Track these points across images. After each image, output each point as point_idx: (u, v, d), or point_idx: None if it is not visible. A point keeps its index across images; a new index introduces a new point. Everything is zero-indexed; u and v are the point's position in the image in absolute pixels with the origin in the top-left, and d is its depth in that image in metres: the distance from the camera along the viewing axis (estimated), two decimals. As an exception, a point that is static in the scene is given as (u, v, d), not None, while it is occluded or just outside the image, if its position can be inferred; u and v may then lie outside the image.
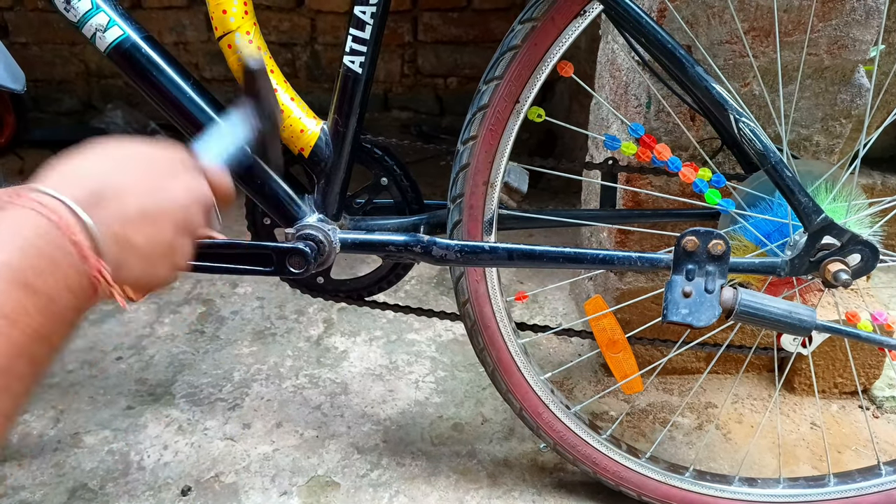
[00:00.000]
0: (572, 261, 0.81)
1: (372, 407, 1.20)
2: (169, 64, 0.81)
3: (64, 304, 0.40)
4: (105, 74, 2.54)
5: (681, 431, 1.16)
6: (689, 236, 0.73)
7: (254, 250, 0.82)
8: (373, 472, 1.07)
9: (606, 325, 0.92)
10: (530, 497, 1.03)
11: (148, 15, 2.40)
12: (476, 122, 0.81)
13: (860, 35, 0.94)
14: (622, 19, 0.74)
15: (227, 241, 0.80)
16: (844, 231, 0.76)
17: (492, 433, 1.15)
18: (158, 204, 0.46)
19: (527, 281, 1.57)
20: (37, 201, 0.40)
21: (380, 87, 2.53)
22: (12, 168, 2.13)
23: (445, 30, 2.44)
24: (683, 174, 0.80)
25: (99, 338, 1.36)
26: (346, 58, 0.81)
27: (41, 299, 0.38)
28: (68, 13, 0.77)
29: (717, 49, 0.95)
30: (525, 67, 0.77)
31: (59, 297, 0.39)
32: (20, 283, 0.37)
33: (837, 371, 1.21)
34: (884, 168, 1.34)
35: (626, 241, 1.16)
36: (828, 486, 0.93)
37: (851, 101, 1.01)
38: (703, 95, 0.75)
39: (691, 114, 1.01)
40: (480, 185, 0.83)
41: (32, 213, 0.40)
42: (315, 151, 0.85)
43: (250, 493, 1.03)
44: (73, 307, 0.41)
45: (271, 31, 2.42)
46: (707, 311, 0.73)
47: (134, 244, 0.45)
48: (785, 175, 0.75)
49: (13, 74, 0.89)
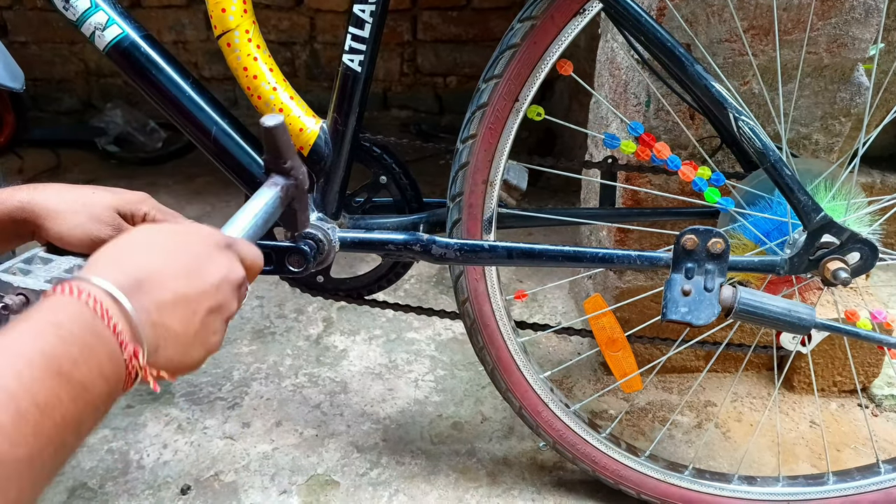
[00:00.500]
0: (572, 259, 0.81)
1: (371, 406, 1.20)
2: (168, 62, 0.81)
3: (97, 391, 0.40)
4: (104, 73, 2.54)
5: (680, 430, 1.16)
6: (689, 235, 0.73)
7: None
8: (372, 471, 1.07)
9: (606, 324, 0.92)
10: (530, 495, 1.03)
11: (147, 14, 2.40)
12: (475, 120, 0.81)
13: (859, 33, 0.94)
14: (622, 17, 0.74)
15: None
16: (844, 229, 0.76)
17: (491, 432, 1.15)
18: (194, 288, 0.48)
19: (526, 280, 1.57)
20: (80, 289, 0.42)
21: (379, 86, 2.53)
22: (12, 167, 2.13)
23: (445, 28, 2.44)
24: (683, 172, 0.80)
25: (98, 337, 1.36)
26: (346, 56, 0.81)
27: (75, 388, 0.39)
28: (67, 12, 0.77)
29: (717, 47, 0.95)
30: (524, 66, 0.77)
31: (93, 385, 0.40)
32: (55, 372, 0.38)
33: (837, 369, 1.21)
34: (883, 167, 1.34)
35: (625, 240, 1.16)
36: (827, 484, 0.93)
37: (851, 99, 1.01)
38: (702, 94, 0.75)
39: (690, 112, 1.01)
40: (480, 183, 0.83)
41: (73, 300, 0.41)
42: (314, 150, 0.85)
43: (250, 491, 1.03)
44: (106, 394, 0.41)
45: (270, 29, 2.42)
46: (706, 310, 0.73)
47: (170, 328, 0.46)
48: (784, 173, 0.75)
49: (12, 73, 0.89)
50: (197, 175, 2.14)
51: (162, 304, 0.45)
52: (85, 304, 0.41)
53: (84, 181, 2.06)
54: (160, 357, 0.45)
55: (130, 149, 2.29)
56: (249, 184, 0.85)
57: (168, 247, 0.49)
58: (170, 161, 2.26)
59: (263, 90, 0.83)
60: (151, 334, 0.44)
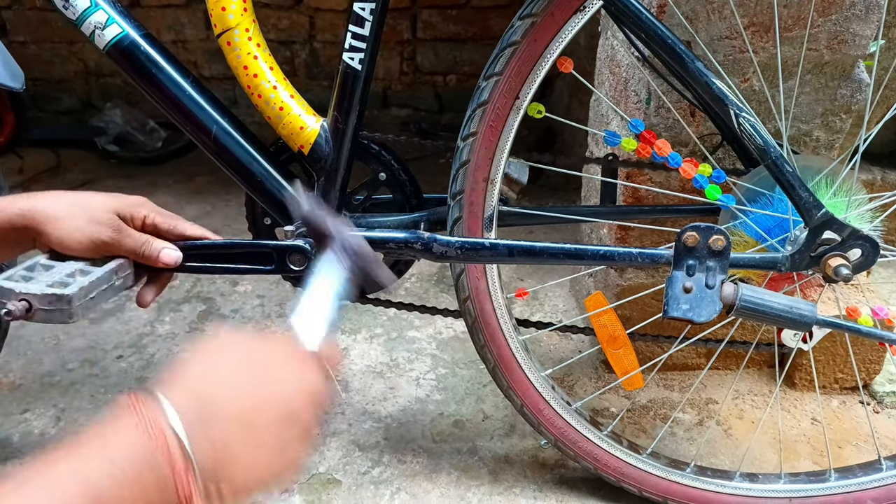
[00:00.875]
0: (573, 257, 0.81)
1: (373, 404, 1.20)
2: (168, 61, 0.81)
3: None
4: (104, 73, 2.54)
5: (682, 427, 1.16)
6: (690, 232, 0.73)
7: (254, 249, 0.82)
8: (374, 470, 1.07)
9: (607, 322, 0.92)
10: (531, 493, 1.03)
11: (146, 13, 2.40)
12: (476, 118, 0.80)
13: (860, 30, 0.94)
14: (622, 15, 0.73)
15: (227, 241, 0.80)
16: (845, 226, 0.76)
17: (493, 430, 1.15)
18: (264, 409, 0.46)
19: (527, 278, 1.57)
20: (147, 417, 0.41)
21: (379, 85, 2.53)
22: (12, 167, 2.12)
23: (444, 27, 2.44)
24: (684, 170, 0.80)
25: (99, 336, 1.36)
26: (346, 55, 0.80)
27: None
28: (67, 11, 0.77)
29: (717, 44, 0.95)
30: (525, 63, 0.77)
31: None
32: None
33: (838, 366, 1.21)
34: (883, 163, 1.34)
35: (626, 238, 1.16)
36: (829, 481, 0.93)
37: (851, 96, 1.01)
38: (703, 91, 0.75)
39: (691, 109, 1.01)
40: (480, 181, 0.83)
41: (138, 432, 0.41)
42: (315, 149, 0.85)
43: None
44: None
45: (270, 28, 2.42)
46: (708, 307, 0.73)
47: (236, 454, 0.44)
48: (785, 170, 0.75)
49: (12, 73, 0.89)
50: (197, 174, 2.14)
51: (228, 431, 0.44)
52: (146, 435, 0.41)
53: (84, 181, 2.07)
54: (225, 480, 0.44)
55: (130, 148, 2.29)
56: (250, 182, 0.85)
57: (238, 367, 0.48)
58: (170, 160, 2.26)
59: (264, 89, 0.82)
60: (212, 463, 0.43)
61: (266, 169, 0.85)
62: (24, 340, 1.35)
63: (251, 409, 0.46)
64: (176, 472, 0.41)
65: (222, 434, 0.44)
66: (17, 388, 1.23)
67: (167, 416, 0.42)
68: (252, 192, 0.87)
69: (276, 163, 0.86)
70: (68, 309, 0.66)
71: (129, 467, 0.40)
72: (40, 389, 1.22)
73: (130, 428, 0.41)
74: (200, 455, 0.42)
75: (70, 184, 2.04)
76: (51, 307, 0.65)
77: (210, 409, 0.44)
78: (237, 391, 0.46)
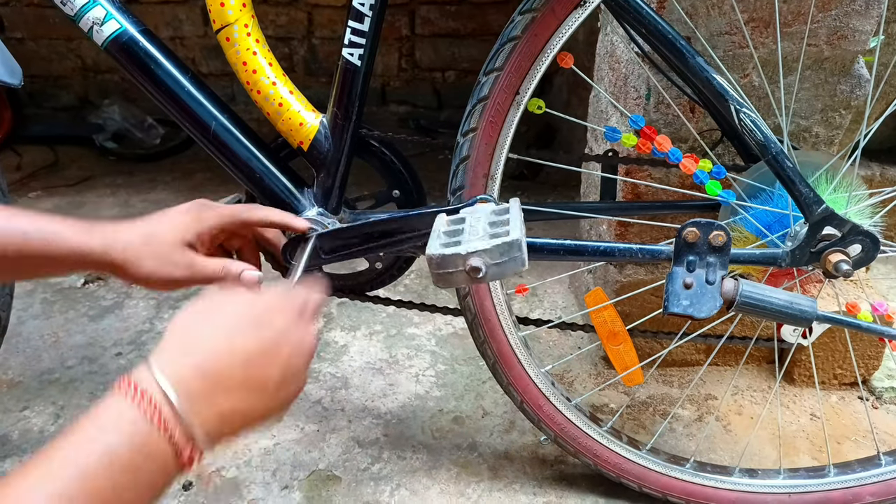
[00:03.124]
0: (573, 253, 0.81)
1: (372, 401, 1.20)
2: (167, 57, 0.81)
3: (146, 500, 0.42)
4: (102, 70, 2.53)
5: (681, 423, 1.16)
6: (690, 227, 0.73)
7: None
8: (374, 466, 1.07)
9: (607, 318, 0.92)
10: (531, 489, 1.03)
11: (144, 10, 2.39)
12: (476, 113, 0.80)
13: (860, 25, 0.94)
14: (622, 10, 0.73)
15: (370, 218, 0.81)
16: (845, 221, 0.76)
17: (492, 426, 1.15)
18: (249, 355, 0.48)
19: (526, 274, 1.56)
20: (138, 392, 0.43)
21: (378, 81, 2.53)
22: (10, 164, 2.12)
23: (443, 23, 2.43)
24: (684, 165, 0.80)
25: (98, 334, 1.36)
26: (345, 50, 0.80)
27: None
28: (65, 7, 0.76)
29: (717, 40, 0.95)
30: (525, 58, 0.76)
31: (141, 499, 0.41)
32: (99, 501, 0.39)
33: (837, 362, 1.21)
34: (882, 159, 1.34)
35: (625, 234, 1.16)
36: (828, 476, 0.93)
37: (851, 91, 1.01)
38: (703, 86, 0.74)
39: (691, 105, 1.01)
40: (480, 177, 0.83)
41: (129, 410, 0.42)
42: (314, 145, 0.85)
43: (252, 487, 1.03)
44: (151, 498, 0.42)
45: (268, 25, 2.41)
46: (708, 303, 0.73)
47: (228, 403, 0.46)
48: (786, 166, 0.74)
49: (10, 69, 0.89)
50: (195, 171, 2.13)
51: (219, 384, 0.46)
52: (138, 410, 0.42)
53: (82, 178, 2.06)
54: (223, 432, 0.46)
55: (128, 145, 2.29)
56: (249, 179, 0.85)
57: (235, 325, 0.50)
58: (168, 157, 2.25)
59: (263, 85, 0.82)
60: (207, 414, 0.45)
61: (265, 165, 0.84)
62: (23, 338, 1.35)
63: (240, 358, 0.48)
64: (172, 437, 0.42)
65: (214, 388, 0.46)
66: (17, 385, 1.23)
67: (158, 384, 0.44)
68: (252, 188, 0.86)
69: (275, 159, 0.86)
70: (520, 255, 0.65)
71: (124, 448, 0.41)
72: (39, 387, 1.22)
73: (121, 408, 0.42)
74: (196, 415, 0.44)
75: (68, 181, 2.04)
76: (504, 257, 0.64)
77: (201, 365, 0.46)
78: (223, 343, 0.48)
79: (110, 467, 0.40)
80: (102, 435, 0.41)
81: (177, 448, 0.42)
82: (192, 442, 0.43)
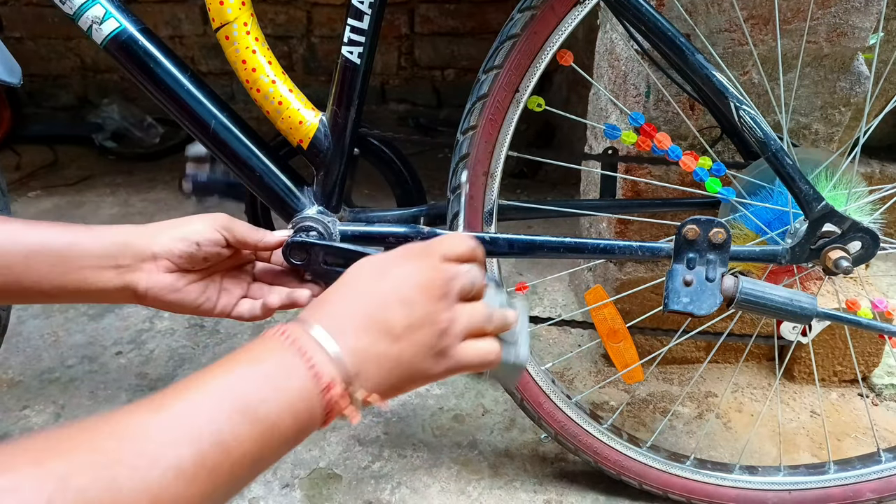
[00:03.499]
0: (573, 251, 0.81)
1: (373, 399, 1.20)
2: (166, 56, 0.80)
3: (284, 428, 0.41)
4: (101, 69, 2.53)
5: (681, 421, 1.16)
6: (690, 225, 0.73)
7: None
8: (374, 464, 1.07)
9: (607, 315, 0.92)
10: (532, 487, 1.03)
11: (143, 9, 2.39)
12: (476, 111, 0.80)
13: (859, 22, 0.94)
14: (622, 7, 0.73)
15: None
16: (845, 218, 0.76)
17: (493, 424, 1.15)
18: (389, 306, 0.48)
19: (526, 272, 1.57)
20: (285, 331, 0.44)
21: (377, 80, 2.53)
22: (9, 164, 2.12)
23: (442, 21, 2.43)
24: (684, 163, 0.80)
25: (98, 333, 1.36)
26: (345, 48, 0.80)
27: (261, 426, 0.40)
28: (64, 5, 0.76)
29: (717, 37, 0.95)
30: (525, 56, 0.76)
31: (281, 423, 0.41)
32: (242, 411, 0.39)
33: (837, 359, 1.22)
34: (882, 156, 1.34)
35: (625, 231, 1.16)
36: (828, 473, 0.93)
37: (851, 88, 1.01)
38: (703, 83, 0.74)
39: (690, 102, 1.01)
40: (480, 175, 0.83)
41: (276, 339, 0.44)
42: (314, 143, 0.84)
43: (252, 485, 1.03)
44: (295, 430, 0.42)
45: (267, 23, 2.41)
46: (708, 300, 0.73)
47: (376, 353, 0.46)
48: (786, 163, 0.75)
49: (9, 68, 0.88)
50: (195, 170, 2.13)
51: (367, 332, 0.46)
52: (286, 341, 0.43)
53: (81, 177, 2.06)
54: (365, 383, 0.45)
55: (127, 144, 2.28)
56: (249, 177, 0.85)
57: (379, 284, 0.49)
58: (167, 156, 2.25)
59: (262, 83, 0.82)
60: (351, 361, 0.44)
61: (265, 164, 0.84)
62: (24, 337, 1.35)
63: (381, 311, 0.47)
64: (316, 372, 0.42)
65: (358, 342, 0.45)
66: (17, 384, 1.23)
67: (312, 335, 0.44)
68: (251, 186, 0.86)
69: (275, 158, 0.86)
70: (517, 374, 0.65)
71: (279, 383, 0.41)
72: (40, 386, 1.22)
73: (272, 341, 0.43)
74: (343, 365, 0.44)
75: (67, 180, 2.04)
76: (506, 373, 0.64)
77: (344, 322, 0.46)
78: (366, 299, 0.48)
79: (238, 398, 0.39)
80: (236, 365, 0.41)
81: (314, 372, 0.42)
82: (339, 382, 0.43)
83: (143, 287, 0.60)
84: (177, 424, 0.37)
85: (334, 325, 0.45)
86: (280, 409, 0.40)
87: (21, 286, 0.57)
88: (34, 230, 0.58)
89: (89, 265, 0.59)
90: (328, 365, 0.43)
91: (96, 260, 0.59)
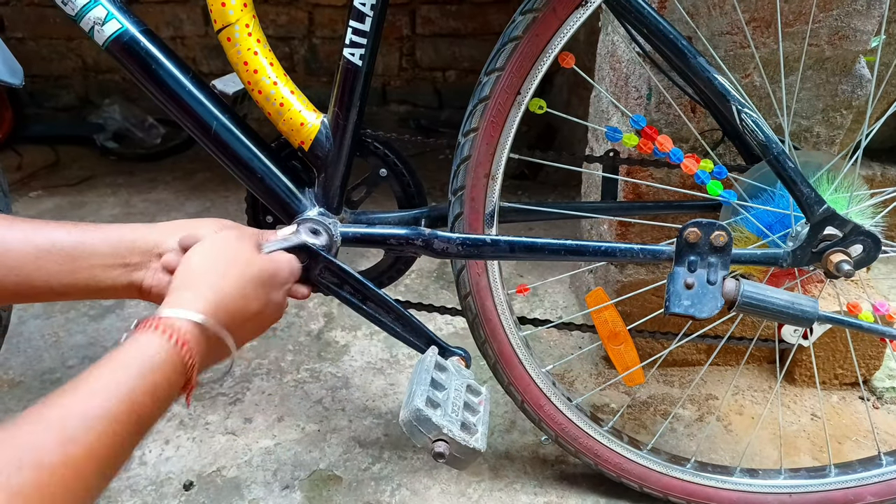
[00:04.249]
0: (575, 253, 0.81)
1: (373, 401, 1.20)
2: (168, 57, 0.81)
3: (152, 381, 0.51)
4: (102, 70, 2.53)
5: (682, 423, 1.16)
6: (692, 228, 0.73)
7: None
8: (374, 466, 1.07)
9: (608, 317, 0.92)
10: (532, 489, 1.03)
11: (145, 9, 2.39)
12: (477, 113, 0.80)
13: (861, 25, 0.94)
14: (623, 10, 0.73)
15: None
16: (847, 222, 0.76)
17: (493, 426, 1.15)
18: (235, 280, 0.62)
19: (527, 274, 1.57)
20: (163, 325, 0.57)
21: (378, 81, 2.53)
22: (10, 164, 2.12)
23: (443, 22, 2.43)
24: (685, 165, 0.80)
25: (99, 333, 1.36)
26: (346, 50, 0.80)
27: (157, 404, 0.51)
28: (66, 6, 0.76)
29: (718, 40, 0.95)
30: (526, 59, 0.76)
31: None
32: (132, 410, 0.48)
33: (838, 362, 1.21)
34: (883, 159, 1.34)
35: (626, 234, 1.16)
36: (829, 476, 0.93)
37: (852, 92, 1.01)
38: (705, 86, 0.74)
39: (692, 105, 1.01)
40: (482, 177, 0.83)
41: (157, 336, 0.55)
42: (315, 144, 0.85)
43: (252, 487, 1.03)
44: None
45: (269, 24, 2.41)
46: (709, 303, 0.73)
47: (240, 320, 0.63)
48: (787, 166, 0.75)
49: (11, 69, 0.88)
50: (196, 171, 2.13)
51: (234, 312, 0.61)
52: (167, 339, 0.55)
53: (82, 178, 2.06)
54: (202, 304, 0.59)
55: (129, 145, 2.29)
56: (250, 179, 0.85)
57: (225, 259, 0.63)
58: (169, 157, 2.25)
59: (264, 84, 0.82)
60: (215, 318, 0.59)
61: (267, 165, 0.84)
62: (24, 337, 1.35)
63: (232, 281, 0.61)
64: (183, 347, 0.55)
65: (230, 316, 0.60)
66: (18, 385, 1.23)
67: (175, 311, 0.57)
68: (252, 188, 0.86)
69: (276, 159, 0.86)
70: (472, 460, 0.73)
71: (147, 369, 0.50)
72: (40, 387, 1.22)
73: (146, 336, 0.54)
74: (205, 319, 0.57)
75: (68, 181, 2.04)
76: (461, 456, 0.72)
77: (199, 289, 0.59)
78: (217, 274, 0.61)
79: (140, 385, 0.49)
80: (128, 359, 0.50)
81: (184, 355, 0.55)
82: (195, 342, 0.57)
83: (147, 284, 0.64)
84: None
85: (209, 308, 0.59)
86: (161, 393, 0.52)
87: (31, 285, 0.59)
88: (43, 230, 0.60)
89: (99, 264, 0.61)
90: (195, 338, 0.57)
91: (105, 259, 0.61)
